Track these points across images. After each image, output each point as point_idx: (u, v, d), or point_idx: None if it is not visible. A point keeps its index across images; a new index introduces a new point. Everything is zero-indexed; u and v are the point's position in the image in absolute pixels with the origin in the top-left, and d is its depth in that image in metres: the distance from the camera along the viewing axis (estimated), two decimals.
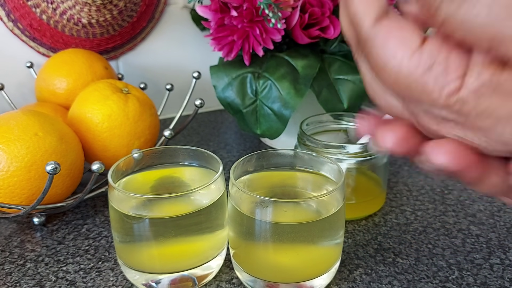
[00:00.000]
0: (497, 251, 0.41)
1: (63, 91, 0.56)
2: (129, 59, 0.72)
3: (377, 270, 0.39)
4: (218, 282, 0.38)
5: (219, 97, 0.56)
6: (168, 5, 0.72)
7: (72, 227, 0.45)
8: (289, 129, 0.53)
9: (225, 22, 0.52)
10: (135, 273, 0.35)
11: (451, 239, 0.43)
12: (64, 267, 0.40)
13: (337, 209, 0.34)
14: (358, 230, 0.45)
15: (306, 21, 0.51)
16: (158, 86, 0.72)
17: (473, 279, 0.38)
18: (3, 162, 0.40)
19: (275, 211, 0.33)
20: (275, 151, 0.39)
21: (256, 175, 0.39)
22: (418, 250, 0.41)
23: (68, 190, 0.45)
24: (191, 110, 0.56)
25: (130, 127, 0.48)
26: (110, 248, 0.42)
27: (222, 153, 0.62)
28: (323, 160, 0.38)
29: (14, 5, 0.61)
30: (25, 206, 0.42)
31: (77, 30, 0.64)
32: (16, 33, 0.63)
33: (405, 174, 0.56)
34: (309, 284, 0.35)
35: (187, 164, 0.40)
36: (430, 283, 0.37)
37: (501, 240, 0.43)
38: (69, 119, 0.49)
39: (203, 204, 0.34)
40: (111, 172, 0.35)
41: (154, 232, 0.33)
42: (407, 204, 0.49)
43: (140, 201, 0.34)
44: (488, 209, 0.48)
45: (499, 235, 0.43)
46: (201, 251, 0.36)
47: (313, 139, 0.44)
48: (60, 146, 0.43)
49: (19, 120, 0.43)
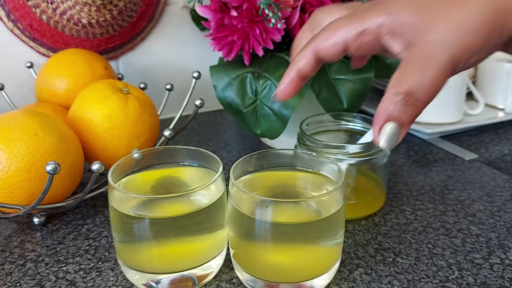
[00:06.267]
0: (497, 251, 0.41)
1: (63, 91, 0.56)
2: (129, 59, 0.72)
3: (377, 270, 0.39)
4: (218, 282, 0.38)
5: (219, 97, 0.56)
6: (168, 5, 0.72)
7: (72, 227, 0.45)
8: (289, 129, 0.53)
9: (225, 22, 0.52)
10: (135, 273, 0.35)
11: (451, 239, 0.43)
12: (64, 267, 0.40)
13: (337, 209, 0.34)
14: (358, 230, 0.45)
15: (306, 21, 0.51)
16: (158, 86, 0.72)
17: (473, 279, 0.38)
18: (3, 162, 0.40)
19: (275, 211, 0.33)
20: (275, 151, 0.39)
21: (256, 175, 0.39)
22: (418, 250, 0.41)
23: (68, 190, 0.45)
24: (191, 110, 0.56)
25: (130, 127, 0.48)
26: (110, 248, 0.42)
27: (222, 153, 0.62)
28: (323, 160, 0.38)
29: (14, 5, 0.61)
30: (25, 206, 0.42)
31: (77, 30, 0.64)
32: (16, 33, 0.63)
33: (405, 174, 0.56)
34: (309, 284, 0.35)
35: (187, 164, 0.40)
36: (430, 283, 0.37)
37: (501, 240, 0.43)
38: (69, 119, 0.49)
39: (203, 204, 0.34)
40: (111, 172, 0.35)
41: (154, 232, 0.33)
42: (407, 204, 0.49)
43: (140, 201, 0.34)
44: (488, 209, 0.48)
45: (499, 235, 0.43)
46: (201, 251, 0.36)
47: (313, 139, 0.44)
48: (60, 146, 0.43)
49: (19, 120, 0.43)
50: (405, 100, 0.27)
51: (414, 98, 0.27)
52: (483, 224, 0.45)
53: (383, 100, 0.28)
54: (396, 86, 0.28)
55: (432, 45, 0.27)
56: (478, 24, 0.27)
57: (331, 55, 0.31)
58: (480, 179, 0.54)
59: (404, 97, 0.27)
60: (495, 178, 0.54)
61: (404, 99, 0.27)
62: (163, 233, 0.34)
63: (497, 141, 0.67)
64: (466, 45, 0.27)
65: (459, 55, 0.27)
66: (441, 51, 0.27)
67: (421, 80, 0.27)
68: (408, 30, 0.28)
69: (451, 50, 0.27)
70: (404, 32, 0.28)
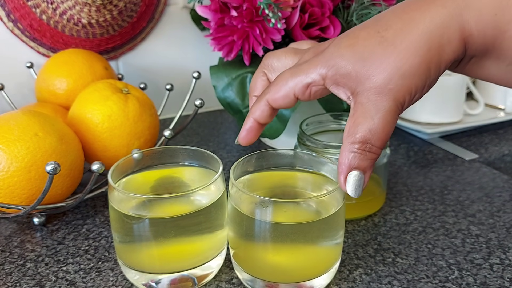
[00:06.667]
0: (496, 251, 0.41)
1: (63, 92, 0.56)
2: (129, 59, 0.72)
3: (377, 270, 0.39)
4: (218, 282, 0.38)
5: (219, 97, 0.56)
6: (168, 5, 0.72)
7: (72, 227, 0.46)
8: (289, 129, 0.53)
9: (225, 22, 0.52)
10: (135, 273, 0.35)
11: (451, 239, 0.43)
12: (64, 267, 0.40)
13: (337, 209, 0.34)
14: (358, 230, 0.45)
15: (306, 21, 0.51)
16: (158, 86, 0.72)
17: (472, 279, 0.38)
18: (3, 162, 0.40)
19: (275, 211, 0.33)
20: (275, 151, 0.39)
21: (256, 175, 0.39)
22: (418, 250, 0.41)
23: (68, 190, 0.45)
24: (191, 110, 0.56)
25: (130, 128, 0.48)
26: (110, 248, 0.42)
27: (222, 153, 0.62)
28: (323, 160, 0.38)
29: (14, 5, 0.61)
30: (25, 206, 0.42)
31: (77, 30, 0.64)
32: (16, 33, 0.63)
33: (405, 175, 0.56)
34: (309, 284, 0.35)
35: (187, 164, 0.40)
36: (430, 283, 0.37)
37: (501, 240, 0.43)
38: (69, 120, 0.49)
39: (203, 204, 0.34)
40: (111, 172, 0.35)
41: (154, 232, 0.33)
42: (406, 204, 0.49)
43: (140, 201, 0.34)
44: (487, 209, 0.48)
45: (498, 235, 0.43)
46: (201, 251, 0.36)
47: (313, 139, 0.44)
48: (60, 146, 0.43)
49: (19, 120, 0.43)
50: (362, 149, 0.29)
51: (370, 144, 0.29)
52: (483, 224, 0.45)
53: (342, 150, 0.30)
54: (351, 136, 0.29)
55: (375, 93, 0.28)
56: (414, 67, 0.27)
57: (285, 104, 0.33)
58: (480, 180, 0.54)
59: (361, 146, 0.29)
60: (494, 179, 0.54)
61: (361, 147, 0.29)
62: (163, 233, 0.34)
63: (497, 141, 0.67)
64: (407, 88, 0.28)
65: (402, 97, 0.28)
66: (385, 98, 0.28)
67: (372, 128, 0.29)
68: (350, 80, 0.29)
69: (393, 95, 0.28)
70: (346, 83, 0.30)
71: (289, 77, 0.32)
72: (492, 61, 0.29)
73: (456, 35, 0.27)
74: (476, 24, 0.27)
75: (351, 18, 0.53)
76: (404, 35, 0.28)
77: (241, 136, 0.36)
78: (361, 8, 0.52)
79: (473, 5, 0.27)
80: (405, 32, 0.28)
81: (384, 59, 0.28)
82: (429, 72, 0.28)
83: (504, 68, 0.29)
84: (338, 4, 0.54)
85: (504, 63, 0.29)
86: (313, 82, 0.31)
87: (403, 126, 0.69)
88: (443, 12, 0.27)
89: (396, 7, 0.29)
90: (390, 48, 0.28)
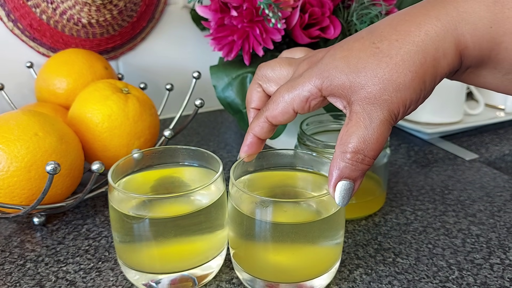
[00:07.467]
0: (497, 251, 0.41)
1: (63, 91, 0.56)
2: (129, 59, 0.72)
3: (377, 270, 0.39)
4: (218, 282, 0.38)
5: (219, 97, 0.56)
6: (168, 5, 0.72)
7: (72, 227, 0.45)
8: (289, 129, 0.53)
9: (225, 22, 0.52)
10: (135, 273, 0.35)
11: (451, 239, 0.43)
12: (64, 267, 0.40)
13: (337, 209, 0.34)
14: (358, 230, 0.45)
15: (306, 21, 0.51)
16: (158, 86, 0.72)
17: (473, 279, 0.38)
18: (3, 162, 0.40)
19: (275, 211, 0.33)
20: (275, 151, 0.39)
21: (256, 175, 0.39)
22: (418, 250, 0.41)
23: (68, 190, 0.45)
24: (191, 110, 0.56)
25: (130, 127, 0.48)
26: (110, 248, 0.42)
27: (222, 153, 0.62)
28: (323, 160, 0.38)
29: (14, 5, 0.61)
30: (25, 206, 0.42)
31: (77, 30, 0.64)
32: (16, 33, 0.63)
33: (405, 174, 0.56)
34: (309, 284, 0.35)
35: (187, 164, 0.40)
36: (430, 283, 0.37)
37: (501, 240, 0.43)
38: (69, 119, 0.49)
39: (203, 204, 0.34)
40: (111, 172, 0.35)
41: (154, 232, 0.33)
42: (407, 204, 0.49)
43: (140, 201, 0.34)
44: (488, 209, 0.48)
45: (499, 235, 0.43)
46: (201, 251, 0.36)
47: (313, 139, 0.44)
48: (60, 146, 0.43)
49: (19, 120, 0.43)
50: (354, 159, 0.29)
51: (363, 155, 0.29)
52: (483, 224, 0.45)
53: (334, 158, 0.30)
54: (344, 145, 0.29)
55: (369, 103, 0.28)
56: (409, 80, 0.27)
57: (285, 120, 0.33)
58: (480, 179, 0.54)
59: (353, 156, 0.29)
60: (495, 178, 0.54)
61: (353, 158, 0.29)
62: (163, 233, 0.34)
63: (497, 141, 0.67)
64: (401, 100, 0.28)
65: (397, 109, 0.28)
66: (379, 108, 0.28)
67: (365, 138, 0.28)
68: (344, 90, 0.29)
69: (388, 106, 0.28)
70: (341, 93, 0.30)
71: (286, 92, 0.32)
72: (488, 71, 0.29)
73: (452, 48, 0.27)
74: (472, 36, 0.27)
75: (351, 18, 0.53)
76: (399, 47, 0.27)
77: (242, 152, 0.36)
78: (361, 8, 0.52)
79: (468, 18, 0.27)
80: (400, 44, 0.28)
81: (379, 69, 0.28)
82: (424, 85, 0.28)
83: (500, 77, 0.29)
84: (338, 4, 0.54)
85: (500, 73, 0.29)
86: (311, 96, 0.31)
87: (403, 126, 0.69)
88: (437, 25, 0.27)
89: (390, 18, 0.29)
90: (385, 59, 0.28)
